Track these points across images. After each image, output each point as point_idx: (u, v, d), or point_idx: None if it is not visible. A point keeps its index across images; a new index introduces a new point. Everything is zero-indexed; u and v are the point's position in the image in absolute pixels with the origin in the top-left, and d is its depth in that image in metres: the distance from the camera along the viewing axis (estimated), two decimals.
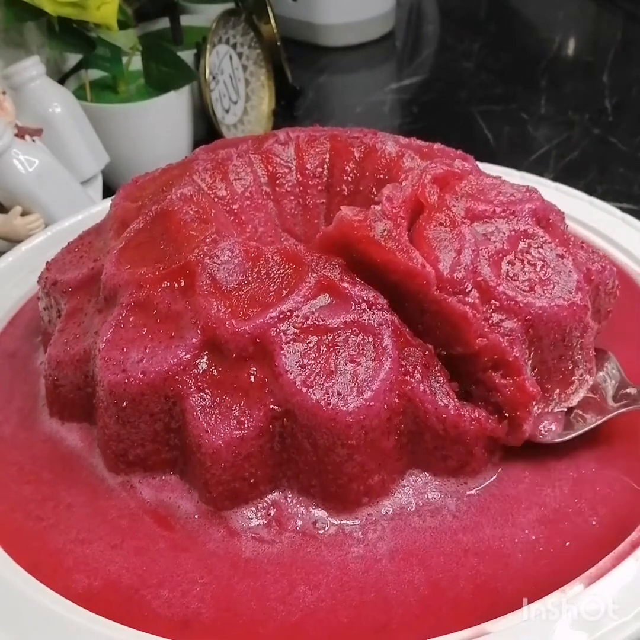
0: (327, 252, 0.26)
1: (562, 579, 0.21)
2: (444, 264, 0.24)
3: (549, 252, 0.25)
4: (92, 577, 0.23)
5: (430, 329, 0.24)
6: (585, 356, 0.26)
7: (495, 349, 0.24)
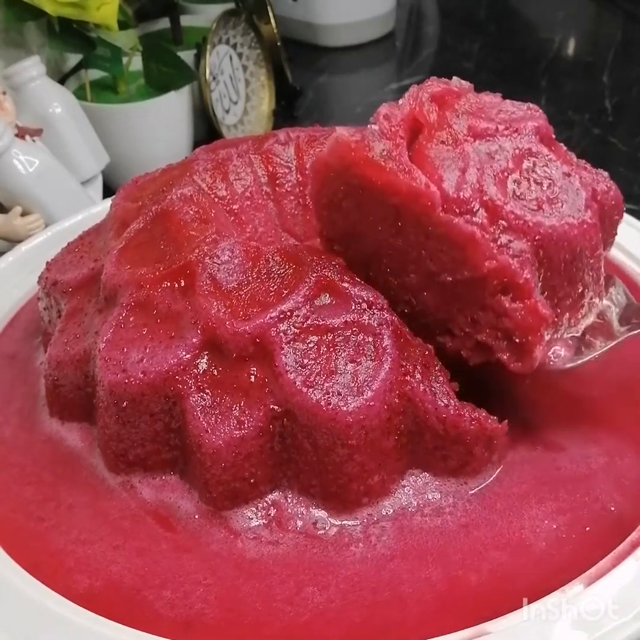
0: (321, 179, 0.24)
1: (588, 564, 0.21)
2: (448, 183, 0.22)
3: (554, 171, 0.24)
4: (93, 577, 0.22)
5: (436, 254, 0.23)
6: (595, 279, 0.25)
7: (505, 271, 0.22)
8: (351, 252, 0.26)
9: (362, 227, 0.25)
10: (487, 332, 0.24)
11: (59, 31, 0.47)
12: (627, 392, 0.28)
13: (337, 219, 0.25)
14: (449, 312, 0.24)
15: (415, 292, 0.25)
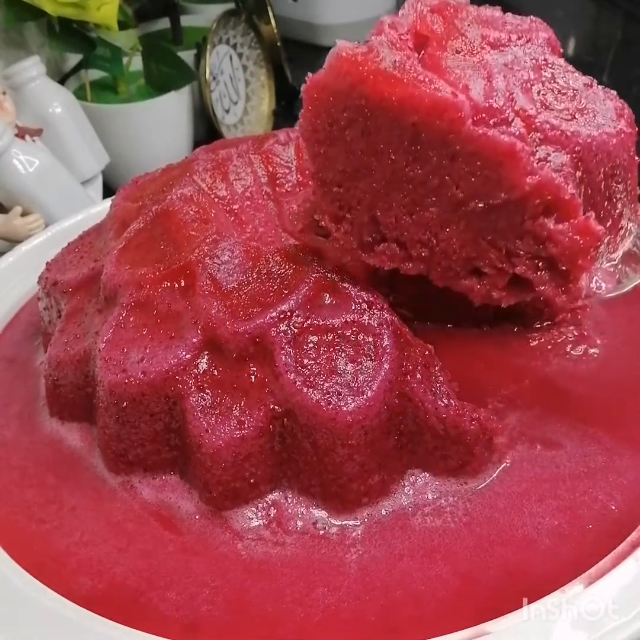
0: (317, 107, 0.21)
1: (591, 561, 0.21)
2: (476, 92, 0.20)
3: (575, 81, 0.22)
4: (96, 579, 0.22)
5: (464, 178, 0.20)
6: (631, 199, 0.23)
7: (549, 187, 0.20)
8: (354, 192, 0.22)
9: (369, 159, 0.21)
10: (526, 263, 0.21)
11: (59, 31, 0.47)
12: (625, 391, 0.28)
13: (338, 153, 0.22)
14: (478, 247, 0.21)
15: (436, 229, 0.22)
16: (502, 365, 0.29)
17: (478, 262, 0.22)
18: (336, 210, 0.23)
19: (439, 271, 0.22)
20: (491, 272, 0.22)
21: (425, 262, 0.22)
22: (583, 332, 0.30)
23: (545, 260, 0.21)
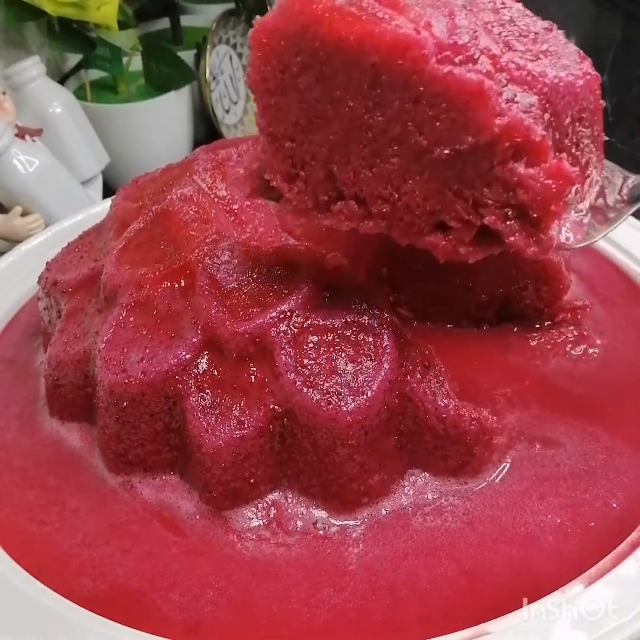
0: (267, 53, 0.19)
1: (595, 558, 0.21)
2: (439, 29, 0.18)
3: (534, 25, 0.21)
4: (98, 580, 0.22)
5: (428, 123, 0.19)
6: (599, 144, 0.22)
7: (519, 129, 0.18)
8: (308, 147, 0.21)
9: (325, 108, 0.20)
10: (495, 213, 0.19)
11: (59, 31, 0.47)
12: (624, 391, 0.28)
13: (290, 103, 0.20)
14: (443, 198, 0.20)
15: (397, 182, 0.20)
16: (502, 365, 0.29)
17: (443, 215, 0.20)
18: (289, 168, 0.21)
19: (401, 228, 0.21)
20: (457, 226, 0.20)
21: (386, 218, 0.21)
22: (583, 332, 0.30)
23: (515, 209, 0.19)
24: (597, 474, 0.25)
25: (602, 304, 0.32)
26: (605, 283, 0.33)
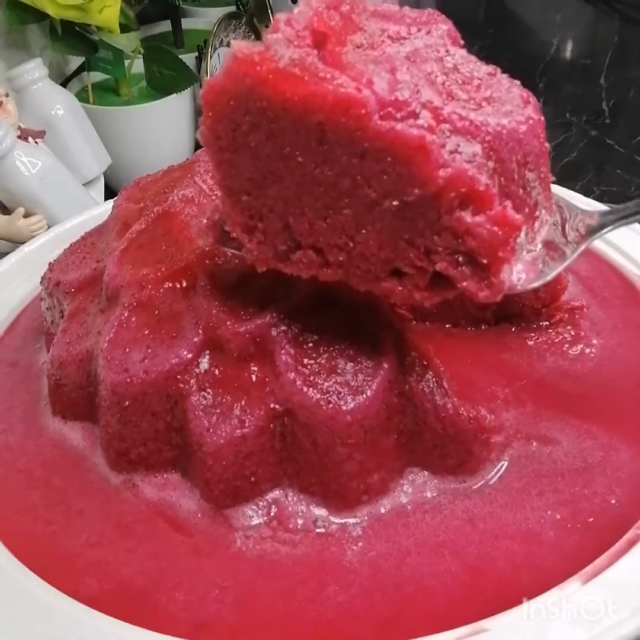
0: (217, 112, 0.20)
1: (596, 553, 0.22)
2: (381, 86, 0.19)
3: (478, 71, 0.21)
4: (103, 580, 0.22)
5: (375, 177, 0.19)
6: (546, 185, 0.22)
7: (463, 179, 0.19)
8: (264, 200, 0.21)
9: (277, 164, 0.20)
10: (446, 259, 0.20)
11: (62, 34, 0.47)
12: (619, 390, 0.28)
13: (243, 160, 0.21)
14: (396, 247, 0.20)
15: (351, 232, 0.21)
16: (499, 365, 0.29)
17: (398, 263, 0.21)
18: (247, 220, 0.22)
19: (358, 275, 0.21)
20: (411, 272, 0.21)
21: (343, 267, 0.21)
22: (580, 332, 0.30)
23: (465, 255, 0.20)
24: (595, 471, 0.25)
25: (600, 305, 0.32)
26: (603, 285, 0.33)
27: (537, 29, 0.81)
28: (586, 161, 0.27)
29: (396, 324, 0.25)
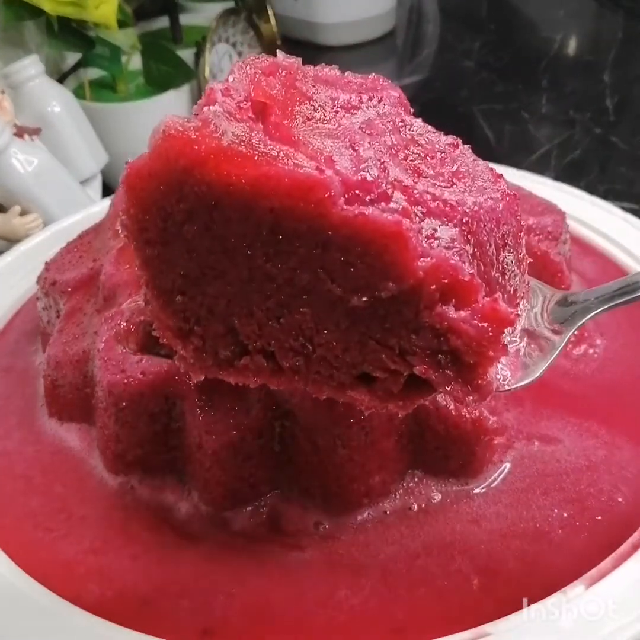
0: (142, 200, 0.16)
1: (610, 549, 0.21)
2: (343, 164, 0.16)
3: (438, 142, 0.19)
4: (105, 586, 0.22)
5: (340, 270, 0.16)
6: (523, 269, 0.20)
7: (444, 269, 0.16)
8: (202, 300, 0.18)
9: (218, 258, 0.17)
10: (425, 361, 0.17)
11: (58, 30, 0.46)
12: (622, 390, 0.28)
13: (176, 255, 0.17)
14: (365, 349, 0.17)
15: (310, 333, 0.17)
16: None
17: (366, 367, 0.18)
18: (180, 324, 0.18)
19: (318, 382, 0.18)
20: (383, 376, 0.18)
21: (300, 373, 0.18)
22: (583, 332, 0.30)
23: (447, 354, 0.17)
24: (599, 469, 0.25)
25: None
26: None
27: (540, 25, 0.81)
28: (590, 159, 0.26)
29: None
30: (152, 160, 0.16)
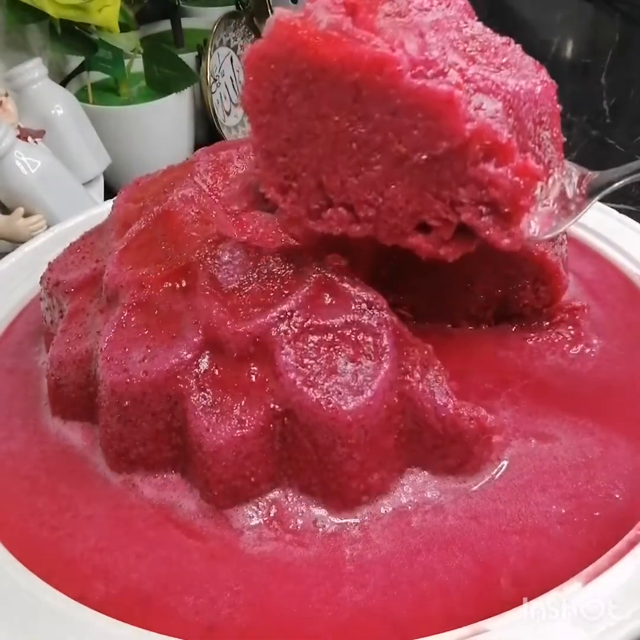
0: (259, 76, 0.22)
1: (608, 545, 0.22)
2: (411, 46, 0.21)
3: (494, 41, 0.24)
4: (110, 585, 0.22)
5: (406, 132, 0.21)
6: (558, 145, 0.24)
7: (487, 132, 0.21)
8: (299, 160, 0.23)
9: (313, 124, 0.22)
10: (470, 210, 0.22)
11: (61, 33, 0.47)
12: (617, 388, 0.28)
13: (281, 121, 0.22)
14: (423, 200, 0.22)
15: (381, 187, 0.22)
16: (500, 365, 0.29)
17: (424, 216, 0.22)
18: (282, 180, 0.24)
19: (386, 230, 0.23)
20: (437, 224, 0.22)
21: (372, 222, 0.23)
22: (580, 332, 0.30)
23: (488, 205, 0.21)
24: (596, 466, 0.25)
25: (602, 306, 0.32)
26: (606, 287, 0.33)
27: (538, 28, 0.81)
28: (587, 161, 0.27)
29: (397, 323, 0.25)
30: (266, 43, 0.21)
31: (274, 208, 0.25)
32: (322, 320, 0.24)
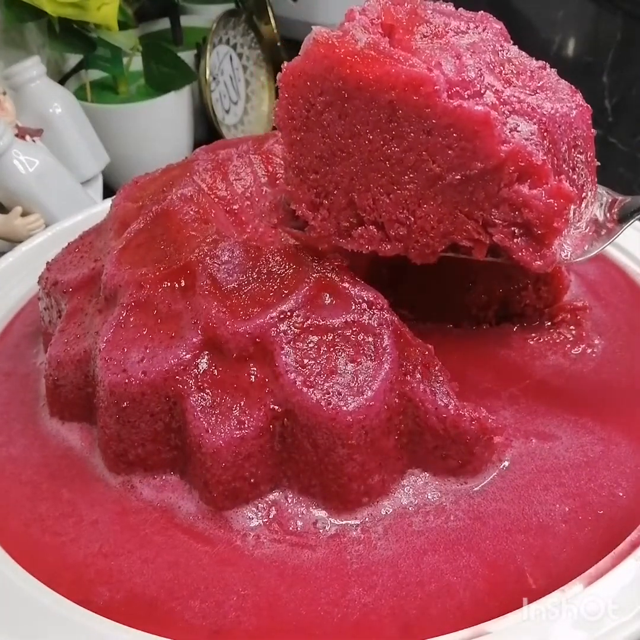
0: (294, 93, 0.22)
1: (614, 543, 0.22)
2: (448, 67, 0.21)
3: (530, 64, 0.24)
4: (114, 589, 0.22)
5: (440, 152, 0.21)
6: (591, 169, 0.25)
7: (522, 154, 0.21)
8: (331, 177, 0.23)
9: (347, 142, 0.23)
10: (503, 231, 0.22)
11: (59, 31, 0.47)
12: (618, 388, 0.28)
13: (314, 139, 0.23)
14: (455, 220, 0.22)
15: (413, 206, 0.23)
16: (501, 365, 0.29)
17: (456, 236, 0.23)
18: (313, 198, 0.24)
19: (417, 249, 0.23)
20: (469, 245, 0.23)
21: (403, 241, 0.23)
22: (582, 332, 0.30)
23: (520, 227, 0.22)
24: (598, 464, 0.25)
25: (604, 306, 0.32)
26: (609, 287, 0.33)
27: (539, 27, 0.81)
28: None
29: (397, 324, 0.25)
30: (303, 61, 0.22)
31: (304, 225, 0.25)
32: (322, 320, 0.24)
